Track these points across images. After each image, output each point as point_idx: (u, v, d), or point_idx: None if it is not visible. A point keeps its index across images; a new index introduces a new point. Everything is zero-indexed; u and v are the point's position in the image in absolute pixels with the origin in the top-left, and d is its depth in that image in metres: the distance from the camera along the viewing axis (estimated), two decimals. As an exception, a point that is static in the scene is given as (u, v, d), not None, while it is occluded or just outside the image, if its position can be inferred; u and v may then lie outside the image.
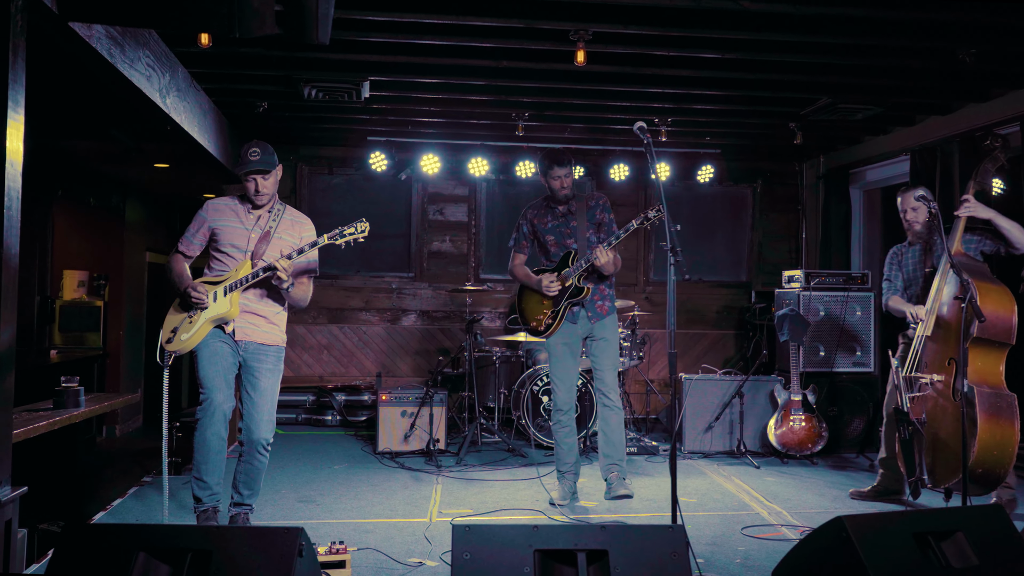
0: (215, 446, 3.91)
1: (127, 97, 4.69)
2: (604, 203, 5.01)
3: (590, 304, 4.87)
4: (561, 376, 4.92)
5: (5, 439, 3.09)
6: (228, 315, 3.96)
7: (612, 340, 4.88)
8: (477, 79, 5.84)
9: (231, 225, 4.11)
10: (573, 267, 4.82)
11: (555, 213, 5.00)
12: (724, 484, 5.61)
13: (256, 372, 4.08)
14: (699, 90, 6.07)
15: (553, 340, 4.91)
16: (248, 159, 4.01)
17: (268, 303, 4.13)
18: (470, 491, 5.32)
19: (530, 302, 5.05)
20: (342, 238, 3.95)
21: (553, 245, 5.00)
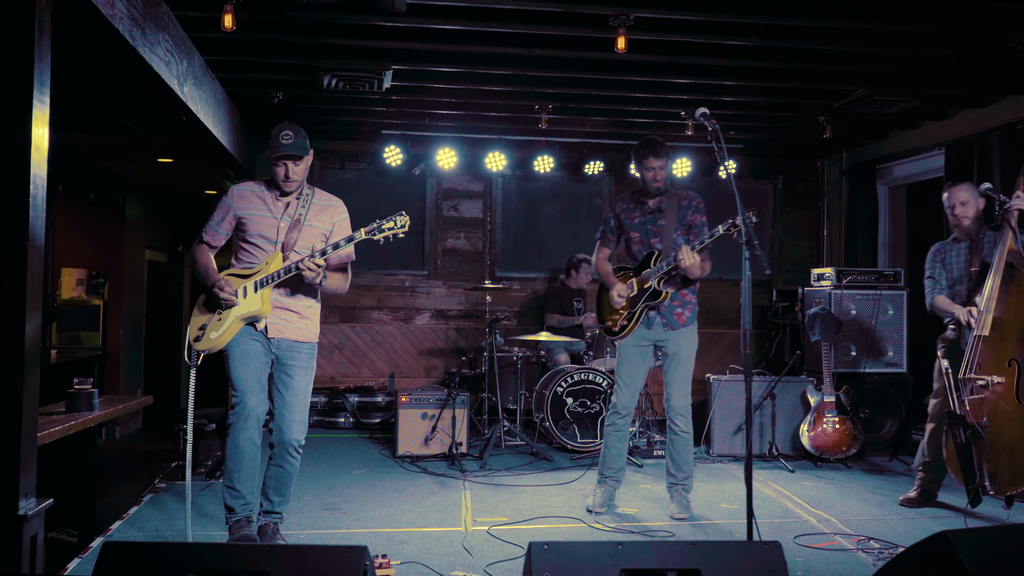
0: (248, 452, 3.66)
1: (145, 84, 4.46)
2: (698, 204, 4.66)
3: (667, 310, 4.59)
4: (627, 378, 4.67)
5: (30, 446, 2.85)
6: (260, 313, 3.73)
7: (685, 357, 4.58)
8: (504, 68, 5.62)
9: (258, 214, 3.84)
10: (654, 268, 4.53)
11: (644, 208, 4.68)
12: (762, 489, 5.41)
13: (289, 370, 3.84)
14: (732, 81, 5.86)
15: (626, 342, 4.67)
16: (280, 142, 3.73)
17: (301, 298, 3.89)
18: (500, 498, 5.10)
19: (605, 299, 4.80)
20: (380, 233, 3.69)
21: (637, 243, 4.70)
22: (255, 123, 7.25)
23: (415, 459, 6.17)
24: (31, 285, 2.79)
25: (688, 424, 4.62)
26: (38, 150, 2.85)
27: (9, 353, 2.74)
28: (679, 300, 4.61)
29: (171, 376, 12.54)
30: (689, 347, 4.60)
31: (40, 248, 2.86)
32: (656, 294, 4.52)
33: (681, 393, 4.59)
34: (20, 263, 2.75)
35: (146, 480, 7.99)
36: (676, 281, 4.58)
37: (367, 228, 3.71)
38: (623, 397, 4.68)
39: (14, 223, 2.77)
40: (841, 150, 8.21)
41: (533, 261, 8.29)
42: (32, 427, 2.86)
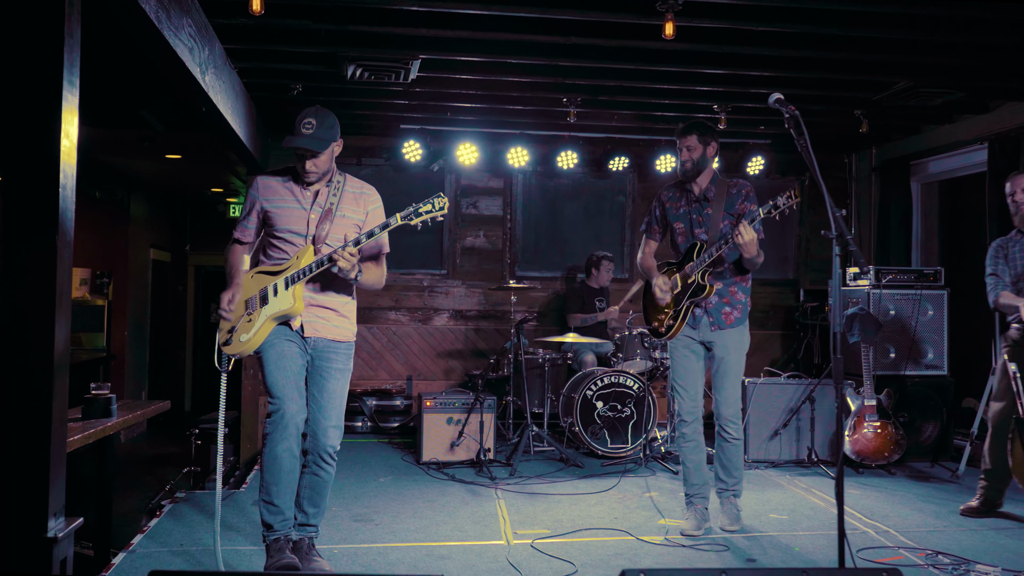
0: (287, 464, 3.39)
1: (167, 71, 4.21)
2: (748, 192, 4.25)
3: (715, 308, 4.23)
4: (684, 382, 4.34)
5: (59, 460, 2.60)
6: (292, 311, 3.46)
7: (735, 360, 4.24)
8: (537, 57, 5.38)
9: (286, 206, 3.57)
10: (698, 260, 4.17)
11: (690, 197, 4.32)
12: (808, 498, 5.18)
13: (324, 371, 3.59)
14: (768, 71, 5.62)
15: (675, 343, 4.37)
16: (300, 131, 3.41)
17: (335, 293, 3.63)
18: (537, 508, 4.86)
19: (653, 299, 4.45)
20: (417, 217, 3.39)
21: (681, 234, 4.35)
22: (270, 117, 7.00)
23: (441, 465, 5.92)
24: (60, 284, 2.55)
25: (739, 431, 4.35)
26: (68, 137, 2.60)
27: (38, 357, 2.49)
28: (728, 297, 4.26)
29: (176, 377, 12.29)
30: (739, 349, 4.28)
31: (70, 243, 2.62)
32: (700, 289, 4.18)
33: (731, 400, 4.30)
34: (49, 260, 2.51)
35: (155, 486, 7.75)
36: (724, 276, 4.25)
37: (403, 213, 3.42)
38: (685, 403, 4.35)
39: (42, 215, 2.52)
40: (870, 146, 7.99)
41: (554, 260, 8.05)
42: (61, 439, 2.61)
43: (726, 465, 4.39)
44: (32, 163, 2.53)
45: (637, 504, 4.95)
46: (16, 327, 2.49)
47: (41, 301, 2.49)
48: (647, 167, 7.77)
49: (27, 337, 2.49)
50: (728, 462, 4.37)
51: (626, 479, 5.61)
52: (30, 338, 2.49)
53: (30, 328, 2.49)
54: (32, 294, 2.48)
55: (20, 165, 2.54)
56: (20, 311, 2.49)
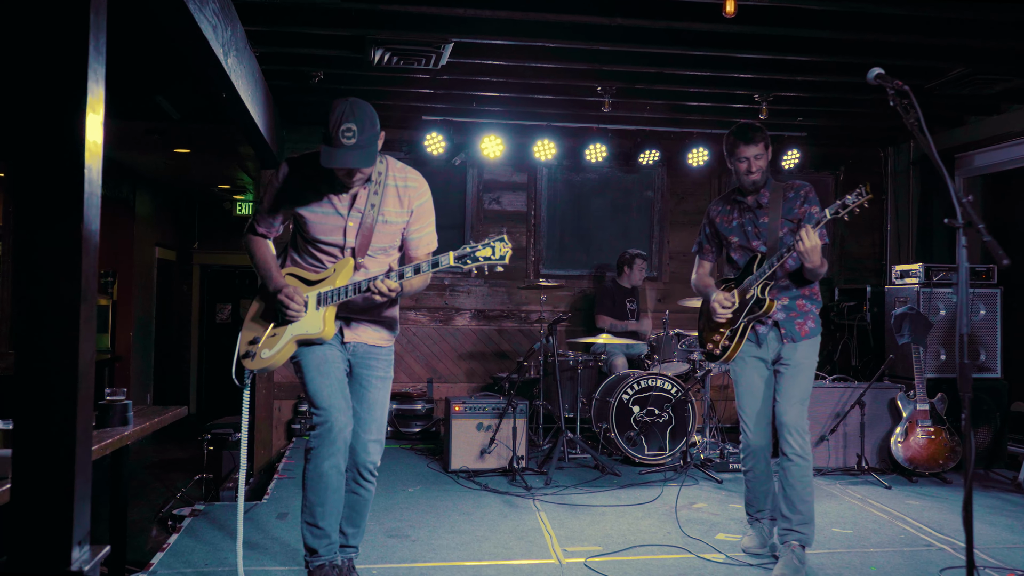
0: (334, 482, 3.05)
1: (190, 51, 3.88)
2: (808, 193, 3.78)
3: (787, 321, 3.77)
4: (749, 409, 3.85)
5: (85, 481, 2.27)
6: (321, 336, 3.09)
7: (805, 367, 3.76)
8: (575, 41, 5.08)
9: (320, 211, 3.10)
10: (756, 273, 3.74)
11: (742, 207, 3.86)
12: (867, 510, 4.86)
13: (365, 380, 3.26)
14: (811, 56, 5.31)
15: (737, 365, 3.90)
16: (340, 141, 2.84)
17: (370, 303, 3.23)
18: (582, 521, 4.54)
19: (709, 322, 4.02)
20: (473, 262, 2.94)
21: (737, 249, 3.89)
22: (287, 108, 6.68)
23: (471, 474, 5.60)
24: (86, 280, 2.22)
25: (806, 447, 3.68)
26: (94, 111, 2.27)
27: (60, 365, 2.17)
28: (795, 310, 3.80)
29: (180, 379, 11.96)
30: (811, 360, 3.79)
31: (95, 235, 2.29)
32: (759, 303, 3.73)
33: (795, 402, 3.71)
34: (73, 252, 2.18)
35: (164, 494, 7.42)
36: (789, 288, 3.80)
37: (457, 253, 2.97)
38: (752, 435, 3.86)
39: (63, 200, 2.19)
40: (908, 139, 7.68)
41: (580, 258, 7.73)
42: (86, 458, 2.28)
43: (789, 496, 3.71)
44: (52, 139, 2.20)
45: (687, 517, 4.63)
46: (34, 332, 2.16)
47: (63, 301, 2.16)
48: (677, 161, 7.44)
49: (48, 342, 2.16)
50: (792, 490, 3.69)
51: (668, 489, 5.29)
52: (51, 343, 2.16)
53: (50, 332, 2.16)
54: (52, 293, 2.16)
55: (37, 143, 2.21)
56: (38, 313, 2.17)
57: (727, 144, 3.80)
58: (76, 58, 2.23)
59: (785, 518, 3.72)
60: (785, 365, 3.77)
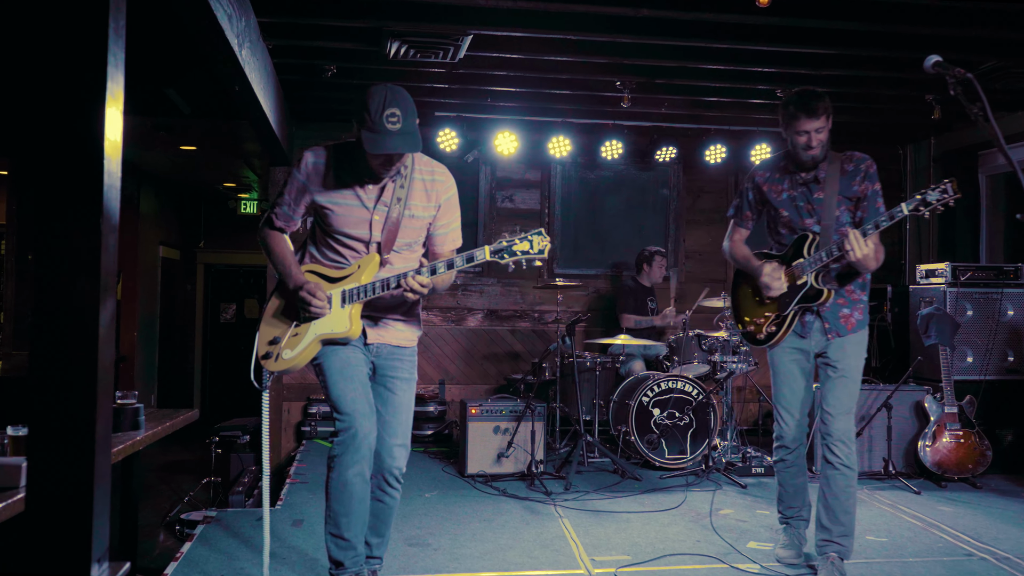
0: (359, 491, 2.90)
1: (204, 40, 3.74)
2: (868, 168, 3.48)
3: (831, 313, 3.53)
4: (786, 402, 3.64)
5: (104, 492, 2.13)
6: (347, 335, 2.96)
7: (853, 368, 3.51)
8: (597, 34, 4.93)
9: (344, 203, 2.98)
10: (810, 258, 3.45)
11: (795, 179, 3.55)
12: (899, 516, 4.72)
13: (390, 382, 3.12)
14: (845, 49, 5.16)
15: (777, 353, 3.65)
16: (385, 127, 2.72)
17: (396, 300, 3.12)
18: (607, 528, 4.39)
19: (747, 296, 3.74)
20: (510, 256, 2.83)
21: (785, 224, 3.59)
22: (295, 102, 6.53)
23: (488, 478, 5.45)
24: (105, 275, 2.08)
25: (852, 457, 3.48)
26: (113, 96, 2.13)
27: (80, 361, 2.03)
28: (844, 298, 3.53)
29: (185, 380, 11.82)
30: (858, 357, 3.54)
31: (115, 227, 2.15)
32: (815, 294, 3.46)
33: (844, 413, 3.50)
34: (93, 246, 2.04)
35: (171, 497, 7.28)
36: (839, 275, 3.52)
37: (493, 247, 2.86)
38: (787, 427, 3.65)
39: (82, 190, 2.05)
40: (928, 136, 7.53)
41: (594, 257, 7.58)
42: (105, 468, 2.14)
43: (831, 505, 3.50)
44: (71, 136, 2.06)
45: (716, 523, 4.48)
46: (52, 331, 2.02)
47: (82, 299, 2.03)
48: (693, 158, 7.30)
49: (66, 342, 2.02)
50: (835, 500, 3.49)
51: (692, 494, 5.15)
52: (70, 343, 2.02)
53: (69, 331, 2.02)
54: (71, 291, 2.02)
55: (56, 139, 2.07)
56: (57, 311, 2.03)
57: (784, 115, 3.46)
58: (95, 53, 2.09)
59: (825, 529, 3.54)
60: (832, 367, 3.54)
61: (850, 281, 3.56)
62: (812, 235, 3.49)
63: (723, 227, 7.63)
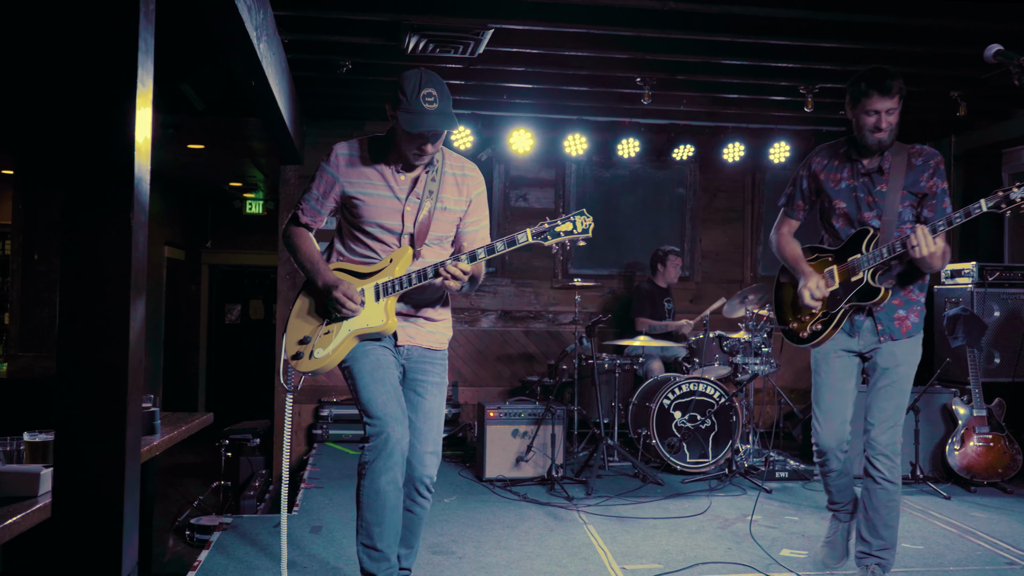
0: (392, 499, 2.78)
1: (224, 32, 3.62)
2: (938, 164, 3.22)
3: (885, 313, 3.28)
4: (827, 405, 3.38)
5: (133, 505, 2.01)
6: (383, 330, 2.86)
7: (903, 375, 3.28)
8: (621, 28, 4.81)
9: (376, 193, 2.89)
10: (868, 255, 3.22)
11: (856, 168, 3.28)
12: (931, 522, 4.60)
13: (420, 386, 3.00)
14: (873, 44, 5.05)
15: (821, 353, 3.42)
16: (423, 107, 2.69)
17: (428, 297, 3.02)
18: (634, 535, 4.27)
19: (790, 292, 3.52)
20: (553, 238, 2.78)
21: (841, 217, 3.33)
22: (306, 99, 6.41)
23: (507, 483, 5.33)
24: (135, 274, 1.96)
25: (896, 471, 3.29)
26: (143, 85, 2.02)
27: (110, 364, 1.91)
28: (901, 299, 3.29)
29: (189, 381, 11.69)
30: (910, 362, 3.31)
31: (145, 223, 2.03)
32: (870, 292, 3.22)
33: (889, 424, 3.27)
34: (123, 243, 1.92)
35: (179, 501, 7.16)
36: (897, 273, 3.29)
37: (535, 229, 2.80)
38: (826, 434, 3.38)
39: (112, 184, 1.94)
40: (949, 134, 7.41)
41: (609, 257, 7.46)
42: (135, 473, 2.03)
43: (871, 519, 3.32)
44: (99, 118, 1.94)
45: (744, 530, 4.36)
46: (78, 333, 1.90)
47: (111, 298, 1.91)
48: (710, 157, 7.19)
49: (94, 346, 1.90)
50: (876, 515, 3.31)
51: (716, 499, 5.04)
52: (97, 346, 1.90)
53: (96, 334, 1.90)
54: (98, 289, 1.90)
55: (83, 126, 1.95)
56: (81, 312, 1.91)
57: (853, 93, 3.19)
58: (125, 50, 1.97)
59: (864, 541, 3.37)
60: (881, 374, 3.31)
61: (912, 282, 3.32)
62: (872, 230, 3.25)
63: (739, 227, 7.68)
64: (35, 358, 6.98)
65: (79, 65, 1.97)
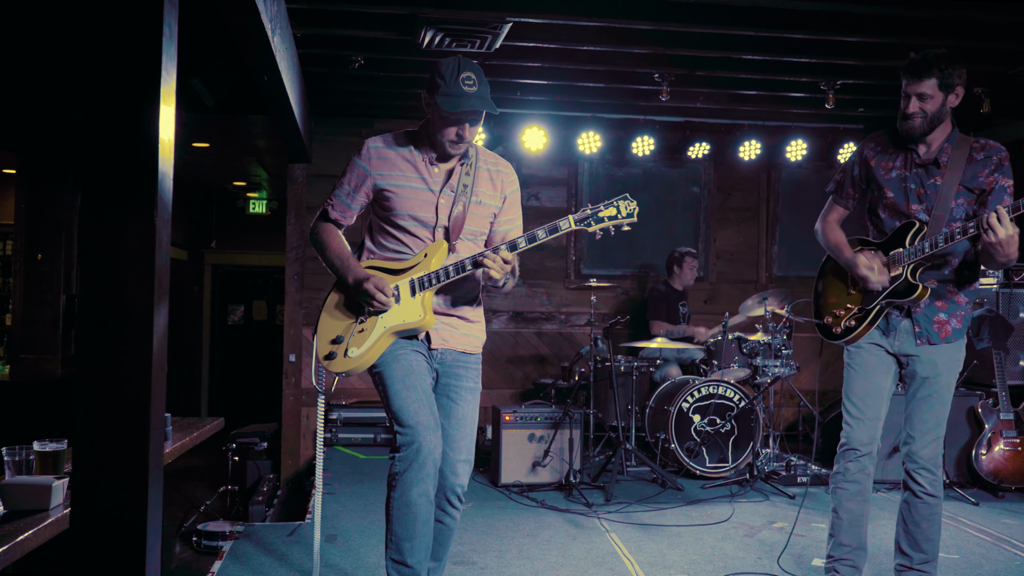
0: (424, 513, 2.64)
1: (239, 25, 3.49)
2: (1002, 160, 3.01)
3: (924, 315, 3.11)
4: (861, 401, 3.20)
5: (155, 523, 1.88)
6: (421, 325, 2.75)
7: (944, 386, 3.11)
8: (643, 21, 4.68)
9: (410, 185, 2.79)
10: (910, 248, 3.04)
11: (910, 158, 3.08)
12: (963, 529, 4.48)
13: (454, 392, 2.87)
14: (899, 38, 4.91)
15: (855, 348, 3.26)
16: (462, 89, 2.63)
17: (463, 295, 2.90)
18: (658, 543, 4.15)
19: (832, 286, 3.35)
20: (597, 224, 2.69)
21: (888, 207, 3.15)
22: (314, 95, 6.28)
23: (523, 489, 5.20)
24: (159, 274, 1.83)
25: (938, 484, 3.12)
26: (167, 71, 1.89)
27: (133, 371, 1.78)
28: (944, 300, 3.10)
29: (192, 383, 11.56)
30: (951, 371, 3.12)
31: (168, 222, 1.91)
32: (908, 289, 3.04)
33: (931, 436, 3.11)
34: (146, 241, 1.79)
35: (183, 504, 7.02)
36: (943, 271, 3.10)
37: (577, 216, 2.72)
38: (857, 430, 3.20)
39: (135, 179, 1.81)
40: (968, 131, 7.27)
41: (622, 257, 7.33)
42: (158, 488, 1.90)
43: (912, 532, 3.16)
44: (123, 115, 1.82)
45: (772, 538, 4.24)
46: (99, 337, 1.78)
47: (133, 300, 1.78)
48: (726, 155, 7.06)
49: (116, 350, 1.77)
50: (917, 529, 3.15)
51: (739, 505, 4.91)
52: (119, 351, 1.77)
53: (119, 338, 1.77)
54: (120, 291, 1.77)
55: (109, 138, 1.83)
56: (103, 315, 1.78)
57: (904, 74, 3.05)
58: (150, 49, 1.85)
59: (904, 555, 3.20)
60: (922, 383, 3.14)
61: (958, 284, 3.13)
62: (919, 223, 3.05)
63: (754, 226, 7.54)
64: (38, 360, 6.85)
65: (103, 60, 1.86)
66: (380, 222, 2.88)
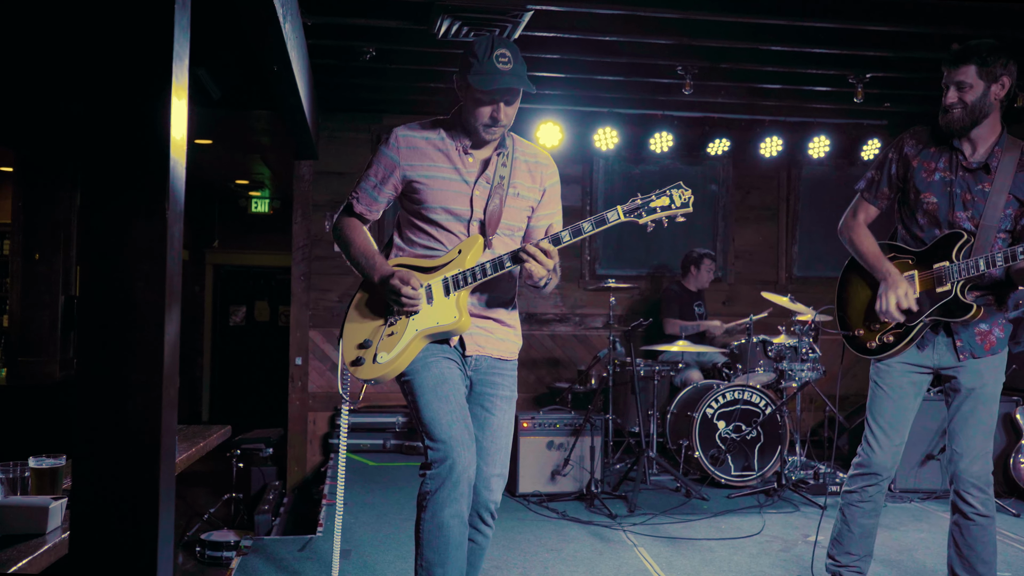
0: (456, 535, 2.41)
1: (249, 10, 3.27)
2: None
3: (966, 328, 2.90)
4: (889, 421, 3.00)
5: (168, 537, 1.67)
6: (456, 327, 2.52)
7: (989, 396, 2.91)
8: (668, 10, 4.48)
9: (441, 176, 2.58)
10: (959, 264, 2.80)
11: (956, 160, 2.85)
12: (1010, 544, 4.27)
13: (488, 401, 2.65)
14: (933, 28, 4.71)
15: (886, 366, 3.02)
16: (497, 67, 2.41)
17: (499, 296, 2.68)
18: (690, 559, 3.93)
19: (860, 293, 3.10)
20: (648, 215, 2.45)
21: (928, 213, 2.91)
22: (324, 89, 6.06)
23: (542, 499, 4.99)
24: (170, 275, 1.61)
25: (990, 503, 2.91)
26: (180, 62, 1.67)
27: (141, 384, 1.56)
28: (988, 312, 2.90)
29: (193, 385, 11.35)
30: (997, 380, 2.93)
31: (180, 216, 1.69)
32: (959, 308, 2.82)
33: (979, 452, 2.90)
34: (156, 238, 1.57)
35: (186, 512, 6.80)
36: (987, 285, 2.88)
37: (627, 207, 2.48)
38: (881, 456, 2.99)
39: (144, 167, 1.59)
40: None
41: (638, 257, 7.11)
42: (170, 506, 1.69)
43: (967, 556, 2.93)
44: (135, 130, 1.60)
45: (808, 553, 4.01)
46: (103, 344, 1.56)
47: (143, 305, 1.56)
48: (745, 152, 6.85)
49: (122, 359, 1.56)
50: (970, 551, 2.92)
51: (769, 517, 4.70)
52: (126, 360, 1.56)
53: (125, 345, 1.56)
54: (128, 294, 1.55)
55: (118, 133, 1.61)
56: (108, 319, 1.57)
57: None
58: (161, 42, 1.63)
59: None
60: (967, 396, 2.92)
61: (1001, 297, 2.92)
62: (966, 235, 2.82)
63: (774, 225, 7.32)
64: (36, 363, 6.63)
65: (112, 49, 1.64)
66: (410, 216, 2.66)
